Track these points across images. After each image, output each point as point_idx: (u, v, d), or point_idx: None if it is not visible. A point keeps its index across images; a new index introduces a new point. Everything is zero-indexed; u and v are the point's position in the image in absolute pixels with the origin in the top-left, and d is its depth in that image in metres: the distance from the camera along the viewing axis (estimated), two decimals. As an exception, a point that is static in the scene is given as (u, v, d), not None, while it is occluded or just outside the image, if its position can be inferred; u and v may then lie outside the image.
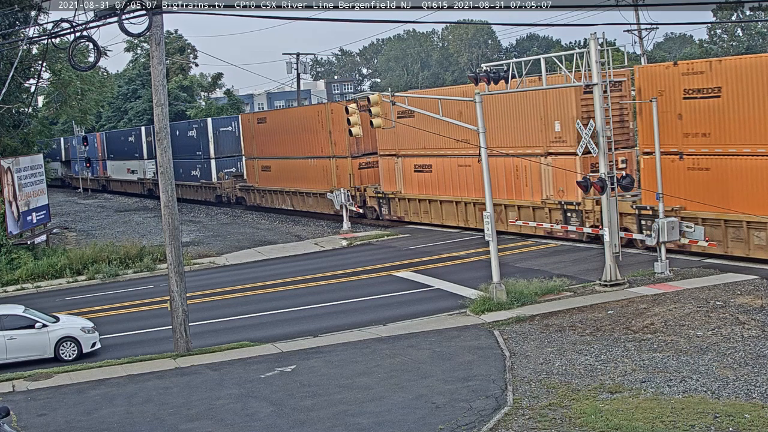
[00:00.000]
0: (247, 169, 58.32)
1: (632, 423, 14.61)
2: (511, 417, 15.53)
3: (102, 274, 35.88)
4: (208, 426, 16.65)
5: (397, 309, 25.87)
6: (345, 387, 18.33)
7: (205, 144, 62.62)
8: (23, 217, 39.87)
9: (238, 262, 38.31)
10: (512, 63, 27.27)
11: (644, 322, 21.15)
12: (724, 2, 56.71)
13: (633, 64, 42.91)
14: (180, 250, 22.64)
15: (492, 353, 19.94)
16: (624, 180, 25.94)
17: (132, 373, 20.99)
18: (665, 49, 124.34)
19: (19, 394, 19.91)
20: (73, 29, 21.75)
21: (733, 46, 76.82)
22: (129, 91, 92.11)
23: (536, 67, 28.00)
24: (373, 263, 33.98)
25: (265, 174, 55.59)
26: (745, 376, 16.71)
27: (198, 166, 63.96)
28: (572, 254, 31.64)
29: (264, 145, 55.12)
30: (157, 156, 22.55)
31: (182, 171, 64.18)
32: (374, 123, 27.17)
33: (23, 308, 24.34)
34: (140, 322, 27.60)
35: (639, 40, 54.54)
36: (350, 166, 46.20)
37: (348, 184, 45.71)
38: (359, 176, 46.23)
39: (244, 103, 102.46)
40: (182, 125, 67.42)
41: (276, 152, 53.54)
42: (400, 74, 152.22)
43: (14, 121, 43.74)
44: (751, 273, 25.41)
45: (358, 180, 46.15)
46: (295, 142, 51.08)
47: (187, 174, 65.48)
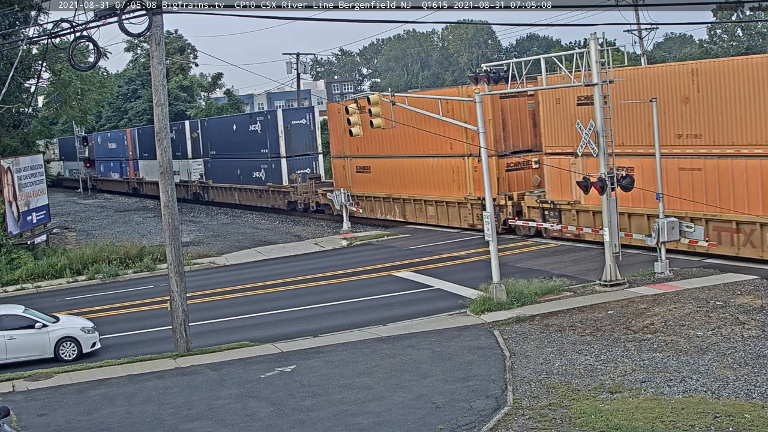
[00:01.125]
0: (335, 171, 48.64)
1: (632, 423, 14.61)
2: (511, 417, 15.53)
3: (102, 274, 35.88)
4: (208, 426, 16.65)
5: (397, 309, 25.87)
6: (345, 387, 18.33)
7: (273, 140, 53.18)
8: (23, 217, 39.87)
9: (238, 262, 38.31)
10: (512, 63, 27.28)
11: (644, 322, 21.15)
12: (724, 2, 56.70)
13: (633, 65, 42.91)
14: (180, 250, 22.64)
15: (492, 353, 19.94)
16: (624, 180, 25.93)
17: (132, 373, 20.99)
18: (665, 49, 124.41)
19: (19, 394, 19.91)
20: (73, 29, 21.75)
21: (733, 46, 76.81)
22: (129, 91, 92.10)
23: (536, 67, 28.00)
24: (373, 263, 33.99)
25: (361, 177, 46.03)
26: (745, 376, 16.71)
27: (263, 166, 54.82)
28: (572, 254, 31.65)
29: (360, 140, 42.77)
30: (157, 156, 22.55)
31: (240, 172, 57.35)
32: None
33: (23, 308, 24.34)
34: (140, 322, 27.60)
35: (639, 40, 54.56)
36: (495, 167, 35.40)
37: (495, 191, 33.95)
38: (507, 180, 36.79)
39: (244, 103, 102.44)
40: (242, 119, 59.57)
41: (378, 149, 43.52)
42: (400, 74, 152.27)
43: (14, 121, 43.79)
44: (751, 273, 25.41)
45: (505, 185, 36.61)
46: (408, 136, 40.25)
47: (248, 176, 56.61)
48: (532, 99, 36.39)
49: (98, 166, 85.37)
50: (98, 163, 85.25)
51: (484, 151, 25.31)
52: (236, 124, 58.18)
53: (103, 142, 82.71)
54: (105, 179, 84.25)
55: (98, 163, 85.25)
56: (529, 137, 37.31)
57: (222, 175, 60.60)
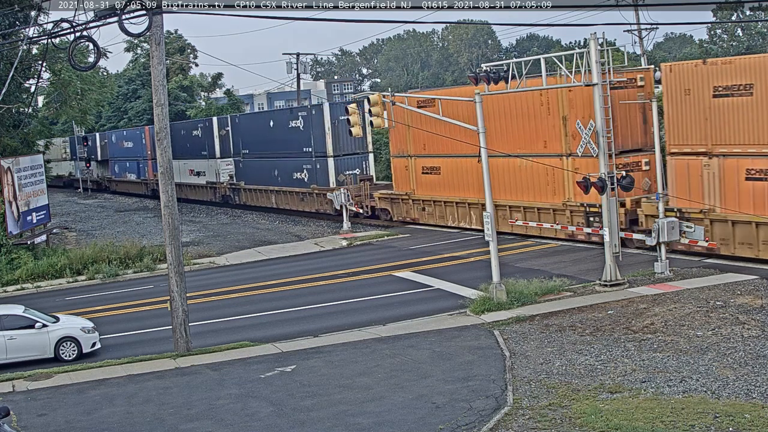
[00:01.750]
0: (395, 172, 44.08)
1: (632, 423, 14.61)
2: (511, 417, 15.53)
3: (102, 274, 35.88)
4: (208, 426, 16.65)
5: (397, 309, 25.87)
6: (345, 387, 18.32)
7: (318, 137, 48.18)
8: (23, 217, 39.87)
9: (238, 262, 38.31)
10: (512, 63, 27.28)
11: (644, 322, 21.16)
12: (724, 2, 56.68)
13: (633, 65, 42.88)
14: (180, 250, 22.64)
15: (492, 353, 19.94)
16: (624, 180, 25.93)
17: (132, 373, 20.99)
18: (665, 49, 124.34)
19: (19, 394, 19.91)
20: (73, 29, 21.74)
21: (733, 46, 76.80)
22: (129, 91, 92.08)
23: (536, 67, 27.99)
24: (373, 263, 33.98)
25: (428, 178, 41.55)
26: (745, 376, 16.71)
27: (305, 166, 49.84)
28: (572, 254, 31.65)
29: (428, 138, 39.23)
30: (157, 156, 22.56)
31: (278, 173, 52.48)
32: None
33: (23, 308, 24.34)
34: (140, 322, 27.60)
35: (639, 40, 54.53)
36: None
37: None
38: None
39: (244, 103, 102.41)
40: (281, 114, 54.76)
41: (450, 148, 37.96)
42: (400, 74, 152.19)
43: (14, 121, 43.78)
44: (751, 273, 25.41)
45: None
46: (492, 134, 32.54)
47: (287, 177, 51.44)
48: (642, 90, 32.13)
49: (112, 166, 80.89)
50: (112, 162, 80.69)
51: (484, 151, 25.32)
52: (273, 120, 53.54)
53: (118, 141, 77.56)
54: (120, 180, 79.47)
55: (112, 162, 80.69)
56: (638, 135, 32.60)
57: (256, 176, 55.44)
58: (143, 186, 73.45)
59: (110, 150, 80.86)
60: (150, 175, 70.37)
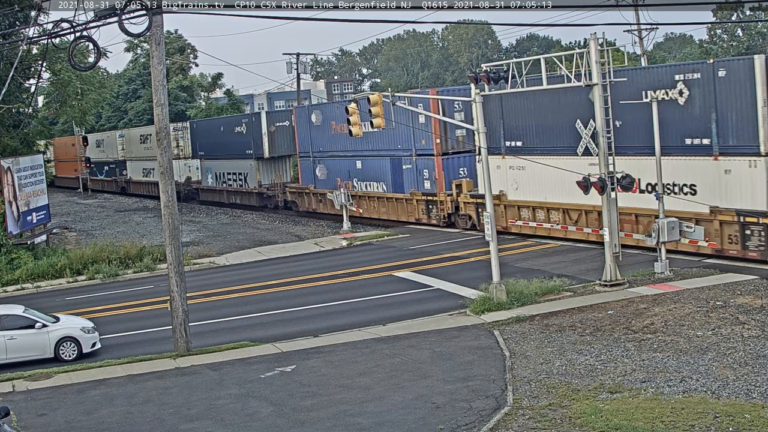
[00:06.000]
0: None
1: (632, 423, 14.61)
2: (511, 417, 15.53)
3: (102, 274, 35.87)
4: (208, 426, 16.65)
5: (397, 309, 25.87)
6: (345, 387, 18.32)
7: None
8: (23, 217, 39.88)
9: (238, 262, 38.31)
10: (512, 63, 27.28)
11: (644, 322, 21.15)
12: (724, 2, 56.69)
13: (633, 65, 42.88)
14: (180, 250, 22.65)
15: (492, 353, 19.94)
16: (624, 180, 25.91)
17: (132, 373, 20.99)
18: (665, 49, 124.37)
19: (19, 394, 19.91)
20: (73, 29, 21.74)
21: (733, 46, 76.85)
22: (129, 91, 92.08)
23: (536, 67, 27.98)
24: (373, 263, 33.98)
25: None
26: (745, 376, 16.71)
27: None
28: (572, 254, 31.64)
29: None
30: (157, 156, 22.57)
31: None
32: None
33: (23, 308, 24.34)
34: (140, 322, 27.59)
35: (639, 40, 54.54)
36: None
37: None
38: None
39: (244, 103, 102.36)
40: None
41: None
42: (400, 74, 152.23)
43: (14, 121, 43.78)
44: (751, 273, 25.41)
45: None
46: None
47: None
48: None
49: (129, 166, 76.36)
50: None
51: (484, 151, 25.33)
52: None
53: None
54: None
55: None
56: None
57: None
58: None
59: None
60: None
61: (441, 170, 39.64)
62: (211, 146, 62.60)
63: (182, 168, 66.20)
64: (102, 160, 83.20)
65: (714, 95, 27.09)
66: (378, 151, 43.95)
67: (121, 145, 78.12)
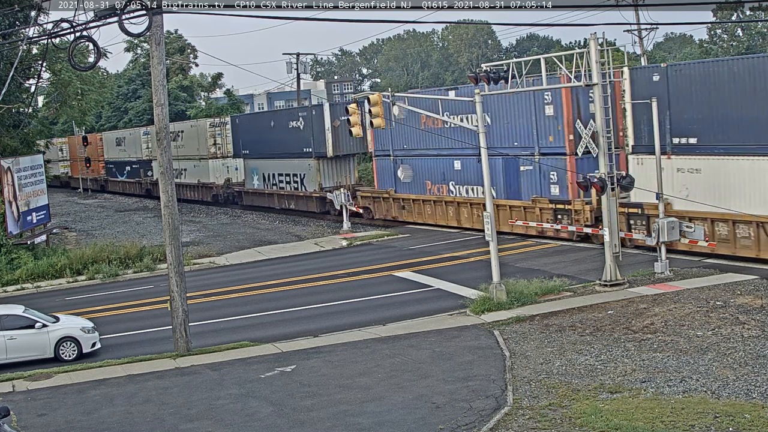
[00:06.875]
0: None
1: (632, 423, 14.60)
2: (511, 417, 15.53)
3: (102, 274, 35.87)
4: (208, 426, 16.64)
5: (397, 309, 25.87)
6: (345, 387, 18.32)
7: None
8: (23, 217, 39.88)
9: (238, 262, 38.31)
10: (512, 63, 27.28)
11: (644, 322, 21.15)
12: (724, 2, 56.67)
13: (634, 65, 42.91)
14: (180, 250, 22.64)
15: (492, 353, 19.94)
16: (624, 180, 25.93)
17: (132, 373, 20.99)
18: (665, 49, 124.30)
19: (19, 394, 19.91)
20: (73, 29, 21.73)
21: (733, 46, 76.80)
22: (129, 91, 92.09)
23: (536, 67, 27.99)
24: (373, 263, 33.98)
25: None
26: (745, 376, 16.71)
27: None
28: (572, 254, 31.64)
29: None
30: (157, 156, 22.56)
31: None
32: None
33: (23, 308, 24.33)
34: (140, 322, 27.60)
35: (639, 40, 54.54)
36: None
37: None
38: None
39: (244, 103, 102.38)
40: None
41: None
42: (400, 74, 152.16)
43: (14, 121, 43.76)
44: (751, 273, 25.41)
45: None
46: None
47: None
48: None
49: (155, 166, 65.17)
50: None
51: (484, 151, 25.33)
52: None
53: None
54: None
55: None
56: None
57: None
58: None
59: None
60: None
61: (574, 173, 31.35)
62: (258, 144, 55.38)
63: (220, 168, 60.60)
64: (123, 160, 76.28)
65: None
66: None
67: (145, 143, 71.17)
